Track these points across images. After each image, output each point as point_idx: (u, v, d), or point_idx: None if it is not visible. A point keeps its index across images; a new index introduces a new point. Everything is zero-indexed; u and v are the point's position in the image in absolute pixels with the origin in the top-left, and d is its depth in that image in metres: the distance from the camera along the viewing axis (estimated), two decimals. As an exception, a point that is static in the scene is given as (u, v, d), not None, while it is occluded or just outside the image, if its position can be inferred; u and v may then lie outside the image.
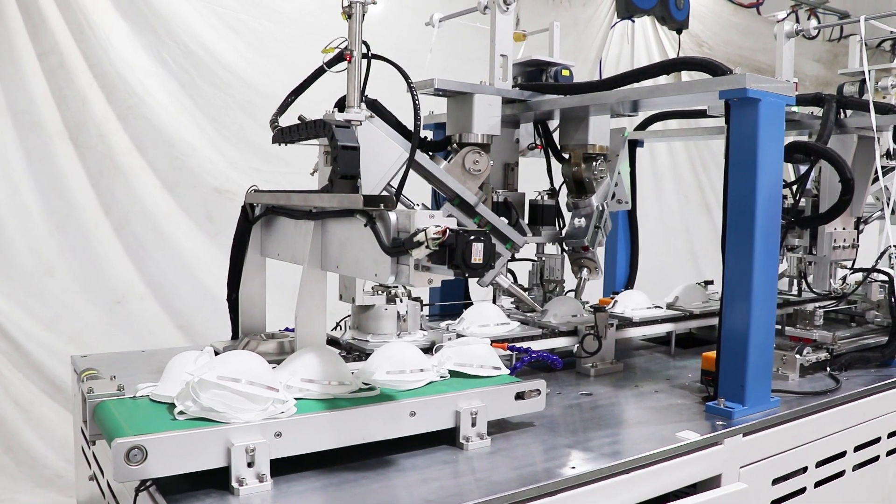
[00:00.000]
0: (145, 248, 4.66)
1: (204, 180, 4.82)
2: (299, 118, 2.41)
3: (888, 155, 3.66)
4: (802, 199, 3.79)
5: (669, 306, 3.77)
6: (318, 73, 2.48)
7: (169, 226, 4.74)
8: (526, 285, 3.68)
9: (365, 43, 2.30)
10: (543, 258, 3.62)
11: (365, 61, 2.31)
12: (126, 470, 1.72)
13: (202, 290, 4.75)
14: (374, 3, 2.31)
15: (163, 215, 4.71)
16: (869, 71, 3.57)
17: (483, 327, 3.10)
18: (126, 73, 4.53)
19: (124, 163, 4.57)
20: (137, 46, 4.58)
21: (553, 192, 3.45)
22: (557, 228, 3.47)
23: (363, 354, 2.65)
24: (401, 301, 2.84)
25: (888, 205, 3.66)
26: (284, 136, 2.46)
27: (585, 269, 3.46)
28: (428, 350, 2.65)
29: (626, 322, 3.44)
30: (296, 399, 2.04)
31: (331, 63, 2.39)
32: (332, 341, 2.84)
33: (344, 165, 2.15)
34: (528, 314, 3.41)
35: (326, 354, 2.24)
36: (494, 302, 3.58)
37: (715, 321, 2.71)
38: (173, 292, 4.75)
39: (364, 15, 2.29)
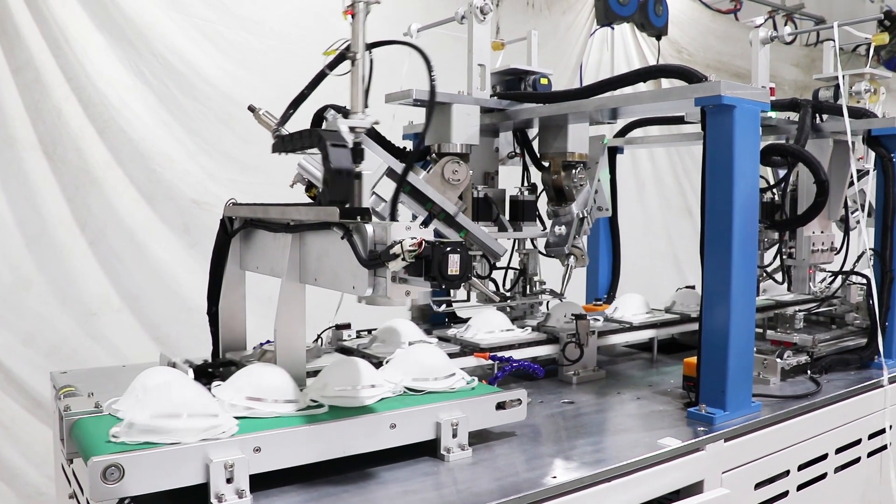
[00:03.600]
0: (122, 261, 4.62)
1: (182, 192, 4.79)
2: (249, 108, 2.40)
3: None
4: (777, 200, 3.83)
5: (668, 310, 3.79)
6: (320, 77, 2.39)
7: (145, 238, 4.70)
8: (509, 294, 3.68)
9: (368, 44, 2.21)
10: (525, 253, 3.62)
11: (369, 63, 2.21)
12: (103, 489, 1.70)
13: (179, 302, 4.71)
14: (379, 2, 2.20)
15: (139, 227, 4.67)
16: (843, 76, 3.60)
17: (489, 334, 3.12)
18: (103, 87, 4.50)
19: (101, 176, 4.54)
20: (114, 60, 4.55)
21: (533, 188, 3.44)
22: (539, 224, 3.46)
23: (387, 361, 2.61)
24: None
25: (864, 208, 3.69)
26: (286, 144, 2.34)
27: (572, 257, 3.46)
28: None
29: (607, 329, 3.45)
30: (239, 418, 1.98)
31: (332, 65, 2.30)
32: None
33: (333, 192, 2.03)
34: (526, 321, 3.43)
35: (274, 370, 2.17)
36: (468, 296, 3.57)
37: (696, 326, 2.72)
38: (149, 304, 4.71)
39: (368, 14, 2.18)
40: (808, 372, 3.24)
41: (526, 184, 3.48)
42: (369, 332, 3.18)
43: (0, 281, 4.27)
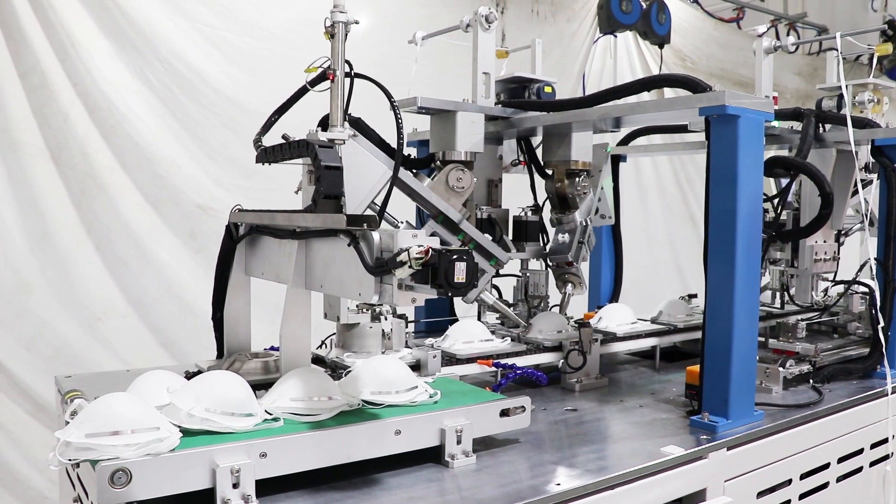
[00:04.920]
0: (127, 266, 4.64)
1: (187, 197, 4.80)
2: (283, 136, 2.42)
3: (866, 168, 3.71)
4: (783, 213, 3.83)
5: (654, 321, 3.79)
6: (301, 92, 2.49)
7: (151, 243, 4.71)
8: (511, 301, 3.69)
9: (348, 62, 2.32)
10: (528, 274, 3.64)
11: (348, 80, 2.33)
12: (110, 493, 1.71)
13: (184, 307, 4.72)
14: (357, 23, 2.33)
15: (145, 233, 4.69)
16: (846, 86, 3.61)
17: (467, 344, 3.11)
18: (109, 92, 4.51)
19: (106, 181, 4.55)
20: (120, 65, 4.57)
21: (537, 208, 3.47)
22: (541, 244, 3.49)
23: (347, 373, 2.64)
24: (385, 319, 2.84)
25: (867, 217, 3.69)
26: (268, 155, 2.47)
27: (570, 285, 3.49)
28: (415, 368, 2.65)
29: (610, 337, 3.46)
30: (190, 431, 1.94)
31: (314, 82, 2.41)
32: (318, 359, 2.84)
33: (327, 185, 2.15)
34: (513, 330, 3.42)
35: (234, 382, 2.11)
36: (479, 318, 3.59)
37: (699, 335, 2.73)
38: (155, 309, 4.72)
39: (347, 34, 2.31)
40: (811, 381, 3.25)
41: (530, 192, 3.50)
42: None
43: (4, 284, 4.28)
